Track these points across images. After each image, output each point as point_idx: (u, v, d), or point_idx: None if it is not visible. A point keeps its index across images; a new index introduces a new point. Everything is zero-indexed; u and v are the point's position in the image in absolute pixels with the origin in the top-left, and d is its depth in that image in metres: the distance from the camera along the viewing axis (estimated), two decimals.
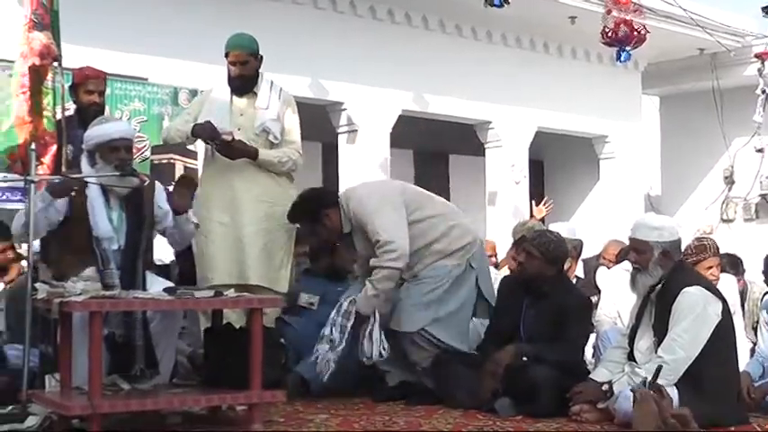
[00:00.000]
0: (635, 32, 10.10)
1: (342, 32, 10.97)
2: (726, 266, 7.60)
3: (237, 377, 4.98)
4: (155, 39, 9.42)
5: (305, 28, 10.61)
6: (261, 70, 6.43)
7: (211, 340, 5.41)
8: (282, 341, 6.25)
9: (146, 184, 5.56)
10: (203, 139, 6.24)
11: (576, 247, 8.26)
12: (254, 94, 6.35)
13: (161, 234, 5.74)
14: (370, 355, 5.79)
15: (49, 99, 6.27)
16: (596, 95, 13.38)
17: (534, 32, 12.64)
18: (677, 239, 5.50)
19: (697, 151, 14.83)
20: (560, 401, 5.44)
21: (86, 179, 5.35)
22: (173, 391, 5.20)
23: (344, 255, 6.53)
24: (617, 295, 6.71)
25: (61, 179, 5.42)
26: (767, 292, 7.10)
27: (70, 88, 6.35)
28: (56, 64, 6.23)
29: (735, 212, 14.81)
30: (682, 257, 5.70)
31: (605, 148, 13.96)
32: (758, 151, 14.33)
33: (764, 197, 14.48)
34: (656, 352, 5.26)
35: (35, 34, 6.10)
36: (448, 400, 5.83)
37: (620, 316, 6.69)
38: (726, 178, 14.91)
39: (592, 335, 6.58)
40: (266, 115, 6.30)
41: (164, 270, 6.42)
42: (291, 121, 6.45)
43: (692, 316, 5.22)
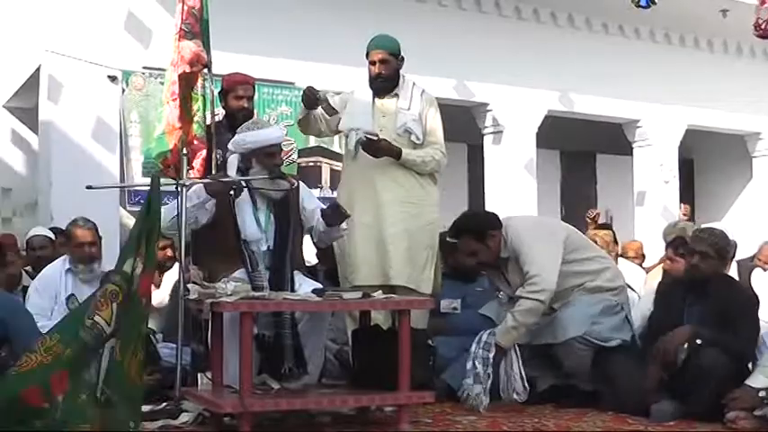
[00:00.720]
0: None
1: (487, 33, 10.94)
2: None
3: (386, 378, 4.99)
4: (302, 43, 9.58)
5: (450, 29, 10.63)
6: (403, 72, 6.42)
7: (359, 341, 5.44)
8: (430, 342, 6.23)
9: (294, 187, 5.63)
10: (306, 104, 6.23)
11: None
12: (396, 95, 6.35)
13: (308, 233, 5.81)
14: (509, 392, 5.73)
15: (198, 105, 6.42)
16: (749, 91, 12.97)
17: (684, 27, 12.38)
18: None
19: None
20: (720, 399, 5.27)
21: (242, 182, 5.45)
22: (321, 391, 5.25)
23: (464, 257, 6.43)
24: None
25: (216, 181, 5.53)
26: None
27: (219, 94, 6.46)
28: (206, 71, 6.37)
29: None
30: None
31: (758, 145, 13.57)
32: None
33: None
34: None
35: (185, 43, 6.24)
36: (609, 397, 5.73)
37: None
38: None
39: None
40: (408, 116, 6.28)
41: (311, 270, 6.48)
42: (434, 122, 6.41)
43: None
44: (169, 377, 5.40)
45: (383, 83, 6.29)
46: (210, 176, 5.81)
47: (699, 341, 5.53)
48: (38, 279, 6.50)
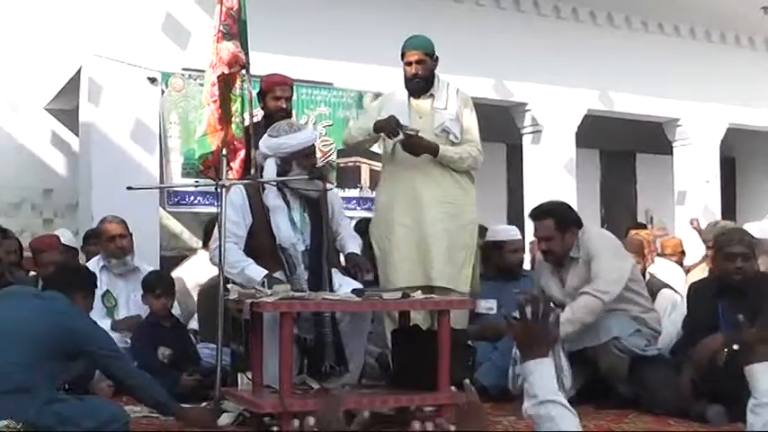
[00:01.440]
0: None
1: (525, 32, 10.90)
2: None
3: (425, 378, 4.98)
4: (340, 44, 9.58)
5: (488, 29, 10.59)
6: (441, 72, 6.42)
7: (399, 342, 5.43)
8: (470, 342, 6.21)
9: (331, 189, 5.66)
10: (386, 133, 6.20)
11: None
12: (431, 95, 6.35)
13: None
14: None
15: (237, 106, 6.46)
16: None
17: (724, 25, 12.26)
18: None
19: None
20: None
21: (279, 182, 5.46)
22: (361, 391, 5.24)
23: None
24: None
25: (256, 182, 5.54)
26: None
27: (258, 95, 6.48)
28: (244, 72, 6.39)
29: None
30: None
31: None
32: None
33: None
34: None
35: (224, 44, 6.28)
36: (647, 403, 5.68)
37: None
38: None
39: None
40: (445, 115, 6.29)
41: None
42: (470, 120, 6.42)
43: None
44: (209, 377, 5.42)
45: (419, 83, 6.30)
46: (249, 177, 5.82)
47: (736, 346, 5.47)
48: None
